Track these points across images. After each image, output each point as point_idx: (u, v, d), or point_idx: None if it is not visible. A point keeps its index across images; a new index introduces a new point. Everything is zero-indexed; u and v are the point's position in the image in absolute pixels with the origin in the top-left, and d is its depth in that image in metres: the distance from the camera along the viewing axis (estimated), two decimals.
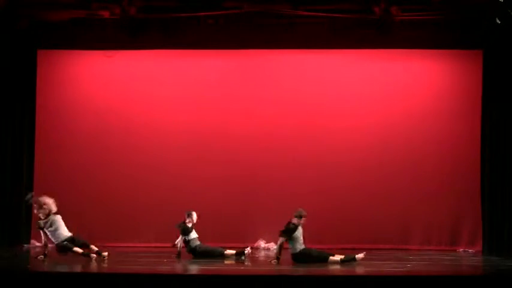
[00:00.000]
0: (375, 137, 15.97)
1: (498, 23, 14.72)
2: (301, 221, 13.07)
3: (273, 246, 15.26)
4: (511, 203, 15.44)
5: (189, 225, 13.73)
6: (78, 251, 12.82)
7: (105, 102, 16.20)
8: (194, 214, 13.83)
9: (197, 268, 12.55)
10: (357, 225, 15.56)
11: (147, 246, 15.47)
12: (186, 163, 15.96)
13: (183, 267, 12.66)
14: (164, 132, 16.12)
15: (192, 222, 13.79)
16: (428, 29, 15.66)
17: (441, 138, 15.93)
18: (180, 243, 13.71)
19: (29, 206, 13.93)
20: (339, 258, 12.90)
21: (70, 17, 15.74)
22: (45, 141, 16.16)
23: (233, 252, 13.66)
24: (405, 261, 13.26)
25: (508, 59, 15.46)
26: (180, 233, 13.72)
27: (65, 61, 16.35)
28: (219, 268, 12.48)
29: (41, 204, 13.05)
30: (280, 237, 13.02)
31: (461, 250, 15.56)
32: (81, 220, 14.93)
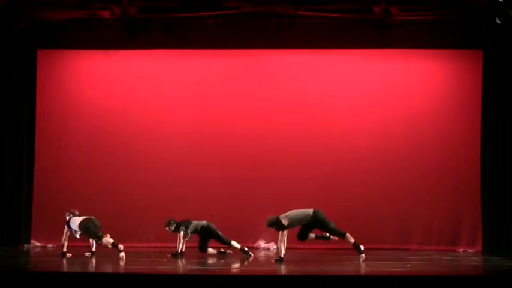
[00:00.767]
0: (375, 137, 15.96)
1: (498, 23, 14.74)
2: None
3: (273, 246, 15.27)
4: (510, 203, 15.43)
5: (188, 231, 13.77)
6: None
7: (105, 102, 16.20)
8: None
9: (197, 268, 12.54)
10: (357, 225, 15.51)
11: (147, 246, 15.48)
12: (186, 163, 15.95)
13: (183, 267, 12.66)
14: (164, 132, 16.11)
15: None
16: (428, 29, 15.65)
17: (441, 138, 15.92)
18: (182, 244, 13.71)
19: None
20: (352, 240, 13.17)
21: (70, 17, 15.77)
22: (45, 141, 16.17)
23: (238, 246, 13.84)
24: (405, 261, 13.24)
25: (508, 59, 15.44)
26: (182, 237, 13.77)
27: (65, 61, 16.36)
28: (219, 268, 12.49)
29: None
30: (280, 232, 12.92)
31: (461, 250, 15.54)
32: None
